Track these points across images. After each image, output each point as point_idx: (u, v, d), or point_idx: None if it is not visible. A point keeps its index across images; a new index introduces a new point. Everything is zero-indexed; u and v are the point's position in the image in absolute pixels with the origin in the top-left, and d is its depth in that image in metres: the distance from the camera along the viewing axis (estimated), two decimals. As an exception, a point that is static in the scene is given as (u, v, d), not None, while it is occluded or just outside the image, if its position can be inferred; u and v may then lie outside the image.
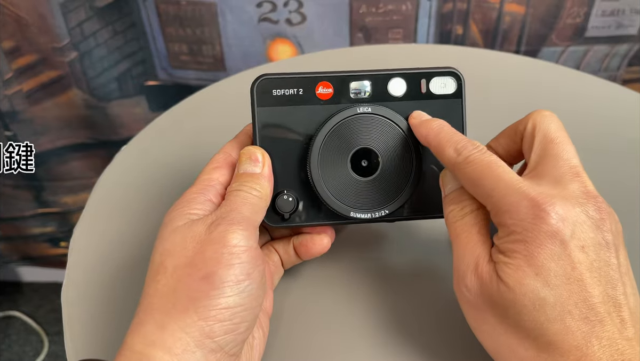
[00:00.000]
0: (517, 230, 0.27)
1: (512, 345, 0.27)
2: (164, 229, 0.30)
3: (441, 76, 0.34)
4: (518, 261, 0.26)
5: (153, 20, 0.76)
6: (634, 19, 0.72)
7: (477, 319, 0.29)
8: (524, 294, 0.26)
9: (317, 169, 0.34)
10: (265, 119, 0.34)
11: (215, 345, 0.27)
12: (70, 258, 0.41)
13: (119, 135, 0.86)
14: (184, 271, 0.28)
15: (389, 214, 0.34)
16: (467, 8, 0.73)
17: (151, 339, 0.27)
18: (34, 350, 1.09)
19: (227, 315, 0.27)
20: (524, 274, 0.26)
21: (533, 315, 0.26)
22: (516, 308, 0.26)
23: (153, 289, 0.29)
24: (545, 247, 0.26)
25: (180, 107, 0.54)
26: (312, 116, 0.34)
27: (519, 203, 0.27)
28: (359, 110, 0.34)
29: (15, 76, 0.78)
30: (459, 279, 0.29)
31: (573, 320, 0.25)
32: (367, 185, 0.34)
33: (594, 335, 0.25)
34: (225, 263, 0.28)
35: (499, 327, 0.27)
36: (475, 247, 0.29)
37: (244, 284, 0.28)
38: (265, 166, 0.32)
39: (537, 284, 0.26)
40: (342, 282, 0.37)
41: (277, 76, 0.34)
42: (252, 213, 0.31)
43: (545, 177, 0.29)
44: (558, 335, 0.25)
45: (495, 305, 0.27)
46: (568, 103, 0.52)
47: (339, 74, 0.34)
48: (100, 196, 0.46)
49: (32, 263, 1.11)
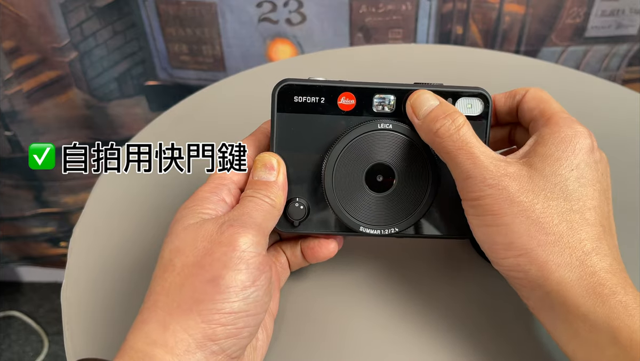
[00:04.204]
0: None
1: (532, 231, 0.28)
2: (175, 226, 0.30)
3: (468, 96, 0.33)
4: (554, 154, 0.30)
5: (153, 20, 0.76)
6: (634, 19, 0.72)
7: (498, 212, 0.29)
8: (555, 183, 0.29)
9: (330, 181, 0.33)
10: (284, 124, 0.33)
11: (217, 347, 0.27)
12: (70, 258, 0.41)
13: (119, 135, 0.86)
14: (191, 270, 0.28)
15: (399, 232, 0.34)
16: (467, 8, 0.73)
17: (153, 338, 0.27)
18: (34, 350, 1.09)
19: (230, 320, 0.27)
20: (560, 166, 0.29)
21: (559, 202, 0.29)
22: (545, 193, 0.29)
23: (160, 286, 0.28)
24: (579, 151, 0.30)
25: (180, 107, 0.54)
26: (332, 126, 0.33)
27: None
28: (380, 126, 0.33)
29: (15, 76, 0.78)
30: (477, 180, 0.29)
31: (594, 214, 0.29)
32: (379, 201, 0.34)
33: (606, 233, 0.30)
34: (232, 267, 0.28)
35: (522, 215, 0.28)
36: (485, 152, 0.30)
37: (249, 290, 0.28)
38: (280, 174, 0.32)
39: (573, 174, 0.29)
40: (347, 285, 0.37)
41: (300, 82, 0.33)
42: (264, 220, 0.31)
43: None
44: (578, 221, 0.29)
45: (524, 193, 0.29)
46: (568, 103, 0.52)
47: (363, 86, 0.33)
48: (100, 196, 0.46)
49: (32, 263, 1.11)
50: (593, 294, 0.27)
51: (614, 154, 0.47)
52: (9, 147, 0.87)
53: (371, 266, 0.38)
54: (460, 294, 0.36)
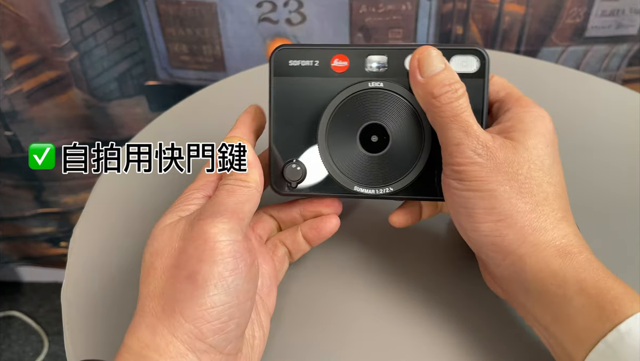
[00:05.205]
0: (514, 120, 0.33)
1: (513, 199, 0.30)
2: (154, 228, 0.30)
3: (462, 54, 0.33)
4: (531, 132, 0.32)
5: (153, 20, 0.76)
6: (634, 19, 0.72)
7: (484, 178, 0.30)
8: (537, 156, 0.31)
9: (324, 141, 0.34)
10: (280, 88, 0.34)
11: (207, 346, 0.27)
12: (70, 258, 0.41)
13: (119, 135, 0.86)
14: (170, 272, 0.28)
15: (394, 192, 0.34)
16: (467, 8, 0.73)
17: (146, 342, 0.27)
18: (34, 350, 1.09)
19: (213, 314, 0.27)
20: (539, 141, 0.31)
21: (539, 173, 0.31)
22: (529, 165, 0.31)
23: (145, 291, 0.28)
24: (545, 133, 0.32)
25: (180, 107, 0.54)
26: (326, 87, 0.34)
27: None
28: (370, 85, 0.33)
29: (16, 76, 0.78)
30: (468, 147, 0.30)
31: (561, 188, 0.32)
32: (374, 161, 0.34)
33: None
34: (207, 260, 0.27)
35: (506, 184, 0.30)
36: (477, 123, 0.31)
37: (228, 280, 0.27)
38: (249, 153, 0.32)
39: (548, 150, 0.32)
40: (344, 280, 0.37)
41: (295, 47, 0.34)
42: (239, 202, 0.30)
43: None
44: (552, 193, 0.31)
45: (509, 164, 0.30)
46: (568, 103, 0.52)
47: (355, 47, 0.34)
48: (100, 196, 0.46)
49: (32, 263, 1.11)
50: (563, 253, 0.29)
51: (614, 154, 0.47)
52: (9, 147, 0.87)
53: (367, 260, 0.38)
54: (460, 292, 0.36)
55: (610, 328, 0.26)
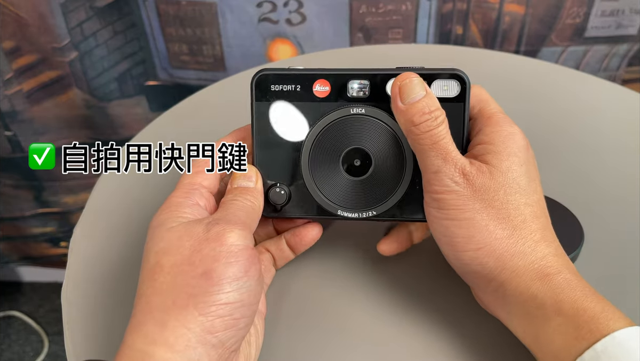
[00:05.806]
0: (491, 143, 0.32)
1: (490, 226, 0.30)
2: (157, 230, 0.31)
3: (443, 78, 0.33)
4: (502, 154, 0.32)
5: (153, 20, 0.76)
6: (634, 19, 0.72)
7: (461, 207, 0.31)
8: (513, 178, 0.31)
9: (307, 166, 0.34)
10: (262, 112, 0.34)
11: (217, 340, 0.28)
12: (70, 258, 0.41)
13: (119, 135, 0.86)
14: (181, 268, 0.28)
15: (377, 215, 0.34)
16: (467, 8, 0.73)
17: (153, 338, 0.27)
18: (34, 350, 1.09)
19: (227, 311, 0.28)
20: (512, 162, 0.31)
21: (516, 196, 0.31)
22: (505, 189, 0.31)
23: (151, 288, 0.29)
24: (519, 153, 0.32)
25: (180, 107, 0.54)
26: (308, 113, 0.34)
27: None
28: (352, 111, 0.34)
29: (16, 76, 0.78)
30: (446, 176, 0.31)
31: (539, 207, 0.32)
32: (357, 185, 0.34)
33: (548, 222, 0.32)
34: (223, 261, 0.28)
35: (483, 211, 0.30)
36: (455, 149, 0.31)
37: (242, 280, 0.29)
38: (259, 182, 0.34)
39: (522, 170, 0.32)
40: (338, 281, 0.37)
41: (276, 71, 0.34)
42: (248, 217, 0.32)
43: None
44: (529, 214, 0.31)
45: (485, 190, 0.31)
46: (568, 103, 0.52)
47: (336, 72, 0.34)
48: (100, 196, 0.46)
49: (32, 263, 1.11)
50: (542, 275, 0.30)
51: (614, 154, 0.47)
52: (9, 147, 0.87)
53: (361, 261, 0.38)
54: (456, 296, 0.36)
55: (587, 346, 0.27)
